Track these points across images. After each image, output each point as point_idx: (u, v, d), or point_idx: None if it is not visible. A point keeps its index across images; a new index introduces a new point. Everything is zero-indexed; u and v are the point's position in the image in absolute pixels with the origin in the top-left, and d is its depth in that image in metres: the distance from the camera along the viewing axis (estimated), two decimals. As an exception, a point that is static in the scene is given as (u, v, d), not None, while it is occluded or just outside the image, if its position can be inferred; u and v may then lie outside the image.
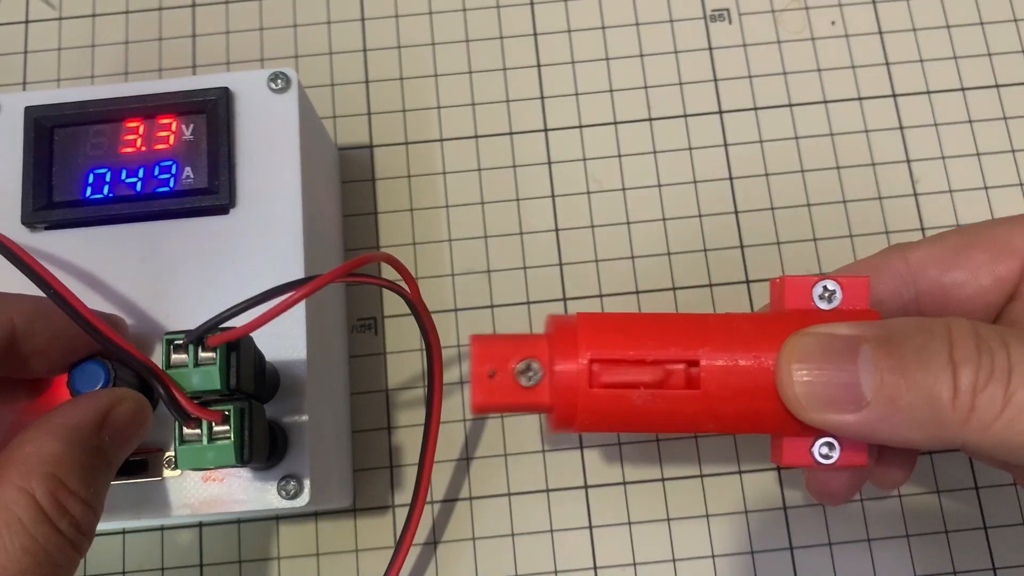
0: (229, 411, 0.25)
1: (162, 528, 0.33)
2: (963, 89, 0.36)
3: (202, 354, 0.24)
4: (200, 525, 0.33)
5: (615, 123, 0.36)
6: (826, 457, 0.23)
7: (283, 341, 0.28)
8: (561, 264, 0.35)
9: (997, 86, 0.36)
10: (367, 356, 0.34)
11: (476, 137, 0.36)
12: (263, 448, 0.27)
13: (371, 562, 0.32)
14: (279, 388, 0.29)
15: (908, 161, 0.35)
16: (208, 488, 0.28)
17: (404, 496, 0.34)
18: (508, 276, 0.35)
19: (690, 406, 0.22)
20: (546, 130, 0.36)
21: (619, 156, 0.36)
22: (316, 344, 0.30)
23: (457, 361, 0.35)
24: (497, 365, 0.22)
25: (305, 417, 0.28)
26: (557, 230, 0.35)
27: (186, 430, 0.25)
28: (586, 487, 0.33)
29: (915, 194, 0.35)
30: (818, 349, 0.21)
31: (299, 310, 0.28)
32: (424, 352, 0.32)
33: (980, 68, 0.36)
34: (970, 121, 0.36)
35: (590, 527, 0.32)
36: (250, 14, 0.38)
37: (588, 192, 0.36)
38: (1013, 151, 0.35)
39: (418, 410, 0.34)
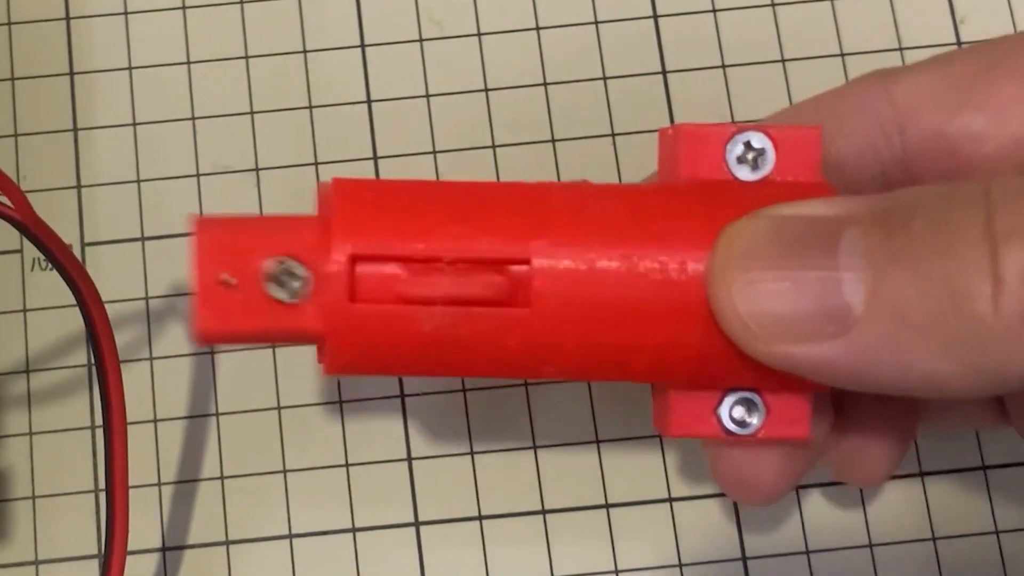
0: None
1: None
2: None
3: None
4: None
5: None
6: (741, 424, 0.20)
7: None
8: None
9: None
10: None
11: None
12: None
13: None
14: None
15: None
16: None
17: (83, 545, 0.26)
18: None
19: (515, 335, 0.19)
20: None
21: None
22: None
23: (144, 319, 0.27)
24: (237, 265, 0.19)
25: None
26: (369, 101, 0.28)
27: None
28: (417, 524, 0.26)
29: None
30: (776, 241, 0.18)
31: None
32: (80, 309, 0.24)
33: None
34: None
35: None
36: None
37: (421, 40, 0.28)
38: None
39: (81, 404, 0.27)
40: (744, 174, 0.20)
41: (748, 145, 0.20)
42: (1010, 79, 0.21)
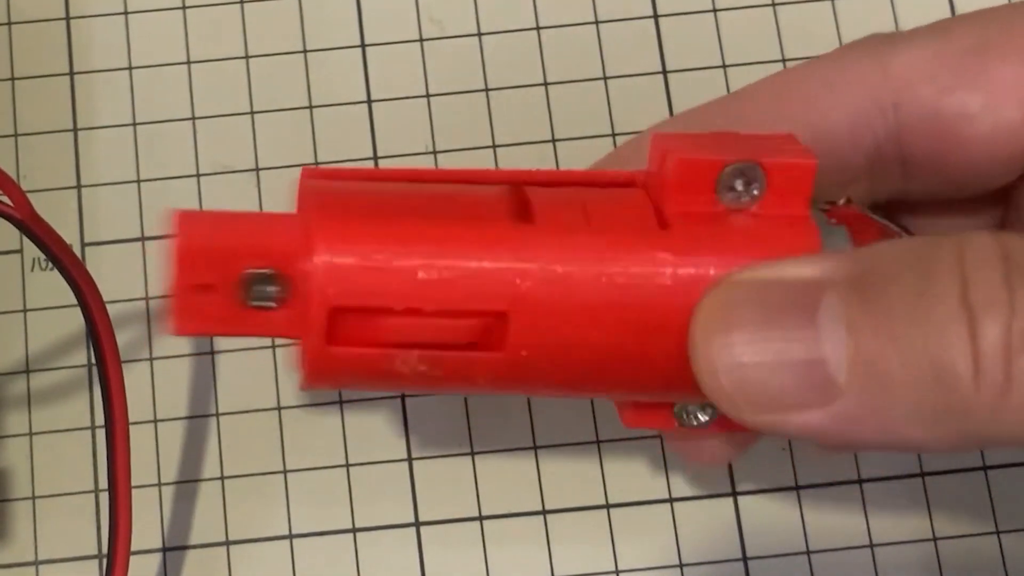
0: None
1: None
2: None
3: None
4: None
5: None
6: (694, 418, 0.21)
7: None
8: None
9: None
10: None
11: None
12: None
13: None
14: None
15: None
16: None
17: (83, 545, 0.26)
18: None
19: (485, 374, 0.19)
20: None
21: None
22: None
23: (144, 319, 0.27)
24: (216, 271, 0.18)
25: None
26: (369, 101, 0.28)
27: None
28: (417, 524, 0.25)
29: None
30: (756, 311, 0.18)
31: None
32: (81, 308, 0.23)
33: None
34: None
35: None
36: None
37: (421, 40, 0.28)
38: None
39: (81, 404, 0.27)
40: (731, 203, 0.19)
41: (740, 175, 0.19)
42: (1007, 59, 0.21)
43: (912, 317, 0.17)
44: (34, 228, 0.22)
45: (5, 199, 0.22)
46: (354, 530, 0.25)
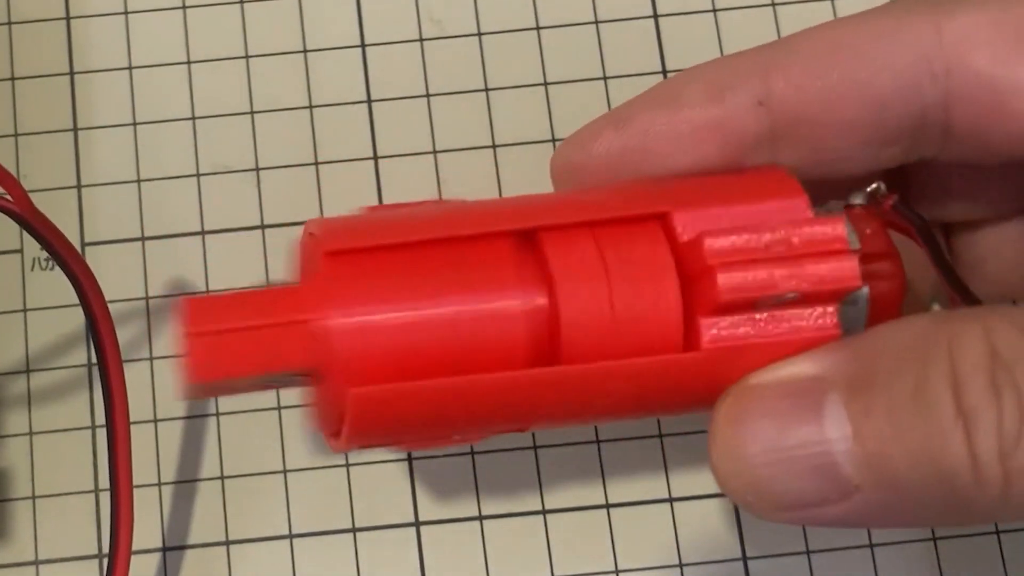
0: None
1: None
2: None
3: None
4: None
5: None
6: None
7: None
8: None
9: None
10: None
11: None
12: None
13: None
14: None
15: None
16: None
17: (83, 545, 0.25)
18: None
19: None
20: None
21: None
22: None
23: (144, 318, 0.26)
24: (230, 377, 0.18)
25: None
26: (369, 101, 0.27)
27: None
28: (417, 524, 0.25)
29: None
30: (766, 418, 0.18)
31: None
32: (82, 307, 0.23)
33: None
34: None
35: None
36: None
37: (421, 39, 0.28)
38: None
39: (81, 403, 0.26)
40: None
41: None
42: None
43: (912, 422, 0.17)
44: (34, 223, 0.21)
45: (6, 195, 0.21)
46: (354, 530, 0.25)
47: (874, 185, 0.20)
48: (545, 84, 0.27)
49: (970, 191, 0.22)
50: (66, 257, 0.22)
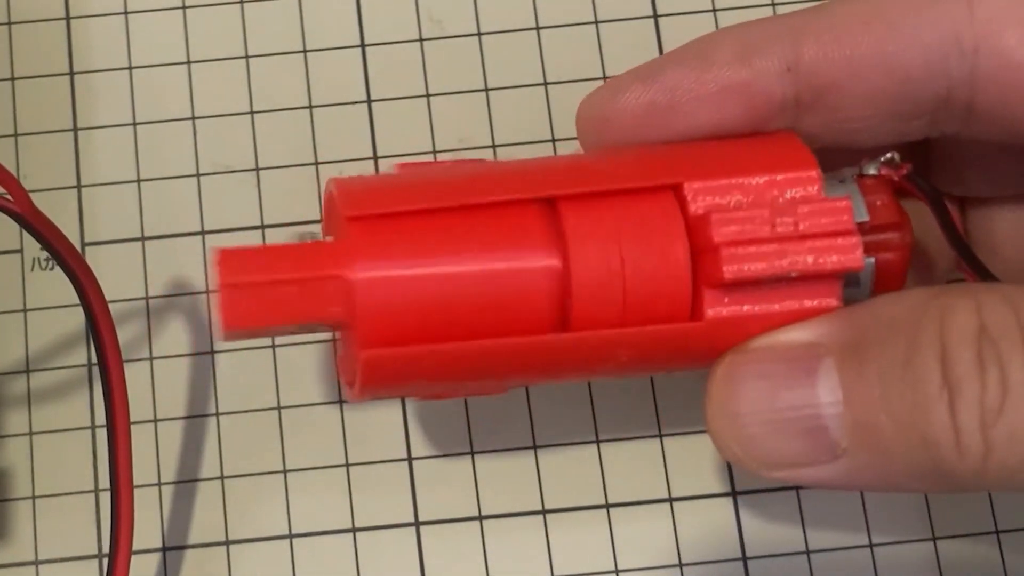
0: None
1: None
2: None
3: None
4: None
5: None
6: None
7: None
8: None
9: None
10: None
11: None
12: None
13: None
14: None
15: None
16: None
17: (83, 545, 0.25)
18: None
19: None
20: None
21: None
22: None
23: (144, 318, 0.26)
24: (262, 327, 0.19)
25: None
26: (369, 101, 0.27)
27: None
28: (417, 524, 0.25)
29: None
30: (760, 380, 0.19)
31: None
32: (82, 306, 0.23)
33: None
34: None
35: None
36: None
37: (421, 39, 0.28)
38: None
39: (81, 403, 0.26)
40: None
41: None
42: None
43: (900, 390, 0.18)
44: (34, 223, 0.21)
45: (6, 195, 0.21)
46: (354, 530, 0.25)
47: (888, 155, 0.20)
48: (545, 84, 0.27)
49: (990, 169, 0.22)
50: (66, 257, 0.21)
